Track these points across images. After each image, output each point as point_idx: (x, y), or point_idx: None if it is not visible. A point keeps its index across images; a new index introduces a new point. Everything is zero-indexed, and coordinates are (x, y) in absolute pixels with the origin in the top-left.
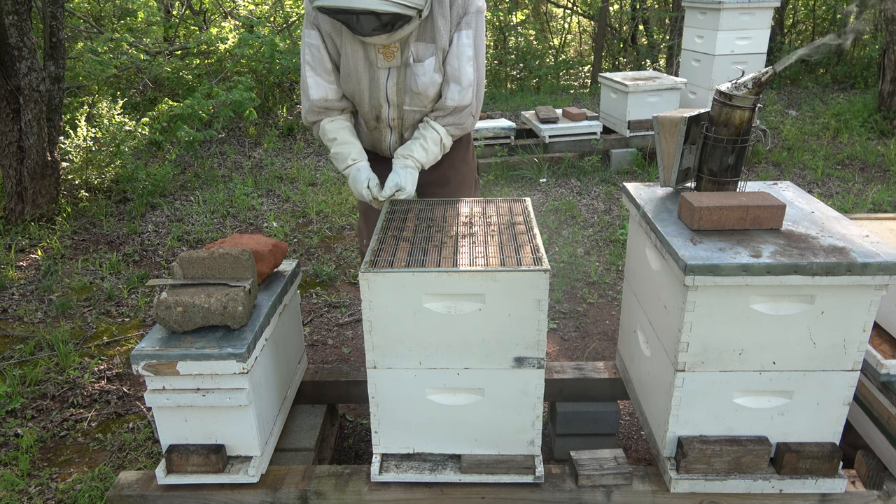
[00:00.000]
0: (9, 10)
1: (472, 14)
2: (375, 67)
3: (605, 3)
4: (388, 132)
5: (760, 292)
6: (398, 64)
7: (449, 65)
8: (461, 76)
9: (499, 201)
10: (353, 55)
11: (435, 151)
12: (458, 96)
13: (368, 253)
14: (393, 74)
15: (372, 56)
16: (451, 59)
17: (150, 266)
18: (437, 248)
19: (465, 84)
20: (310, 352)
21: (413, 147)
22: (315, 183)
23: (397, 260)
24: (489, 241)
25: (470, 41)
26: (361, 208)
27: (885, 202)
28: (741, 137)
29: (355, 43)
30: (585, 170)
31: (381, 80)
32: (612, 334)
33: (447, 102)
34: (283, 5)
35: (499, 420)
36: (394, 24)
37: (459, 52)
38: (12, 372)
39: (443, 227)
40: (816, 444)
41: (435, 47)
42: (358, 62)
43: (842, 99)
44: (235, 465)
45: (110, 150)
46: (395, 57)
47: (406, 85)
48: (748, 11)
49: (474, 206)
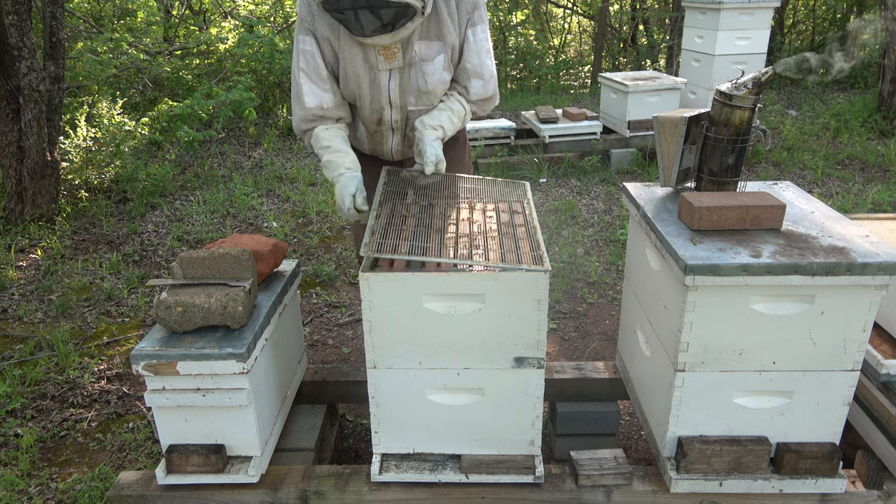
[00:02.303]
0: (9, 10)
1: (481, 8)
2: (376, 70)
3: (605, 3)
4: (391, 134)
5: (760, 292)
6: (400, 65)
7: (469, 61)
8: (483, 70)
9: (499, 184)
10: (352, 59)
11: (458, 126)
12: (482, 90)
13: (366, 247)
14: (395, 76)
15: (372, 59)
16: (471, 55)
17: (150, 266)
18: (437, 246)
19: (487, 77)
20: (310, 352)
21: (441, 117)
22: (315, 183)
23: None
24: (489, 240)
25: (486, 35)
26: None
27: (885, 202)
28: (741, 137)
29: (354, 46)
30: (585, 170)
31: (383, 82)
32: (612, 334)
33: (472, 97)
34: (283, 5)
35: (499, 420)
36: (395, 22)
37: (479, 48)
38: (12, 372)
39: (443, 224)
40: (816, 444)
41: (443, 45)
42: (357, 66)
43: (842, 99)
44: (235, 465)
45: (110, 150)
46: (396, 58)
47: (411, 85)
48: (748, 11)
49: (475, 202)
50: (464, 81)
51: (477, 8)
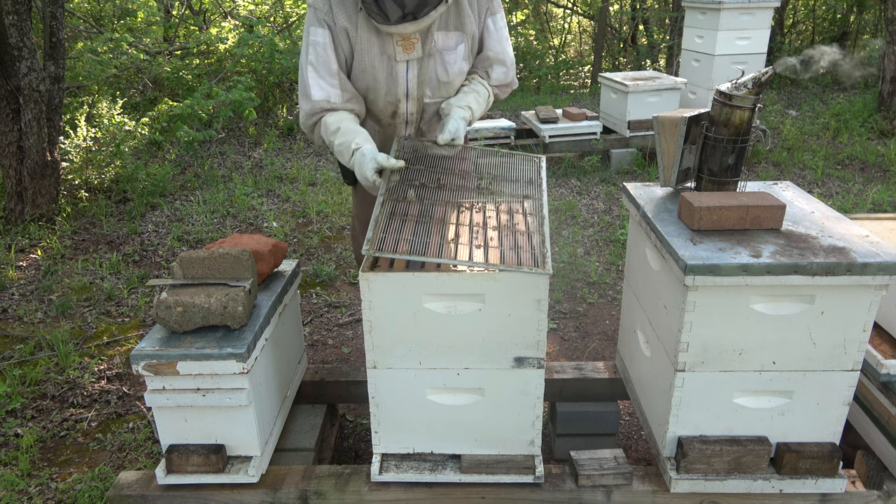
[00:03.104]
0: (9, 10)
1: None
2: (393, 61)
3: (605, 3)
4: (404, 128)
5: (760, 292)
6: (419, 55)
7: (491, 49)
8: (505, 57)
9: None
10: (368, 50)
11: (483, 108)
12: (504, 76)
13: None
14: (413, 67)
15: (390, 49)
16: (493, 43)
17: (150, 266)
18: (438, 244)
19: (509, 64)
20: (310, 352)
21: (468, 99)
22: (315, 183)
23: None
24: (489, 239)
25: (504, 22)
26: (356, 212)
27: (885, 202)
28: (741, 137)
29: (372, 37)
30: (585, 170)
31: (400, 73)
32: (612, 334)
33: (493, 82)
34: (283, 5)
35: (499, 420)
36: (420, 11)
37: (500, 36)
38: (12, 372)
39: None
40: (816, 444)
41: (462, 35)
42: (374, 57)
43: (842, 99)
44: (235, 465)
45: (110, 150)
46: (415, 48)
47: (430, 76)
48: (748, 11)
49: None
50: (485, 68)
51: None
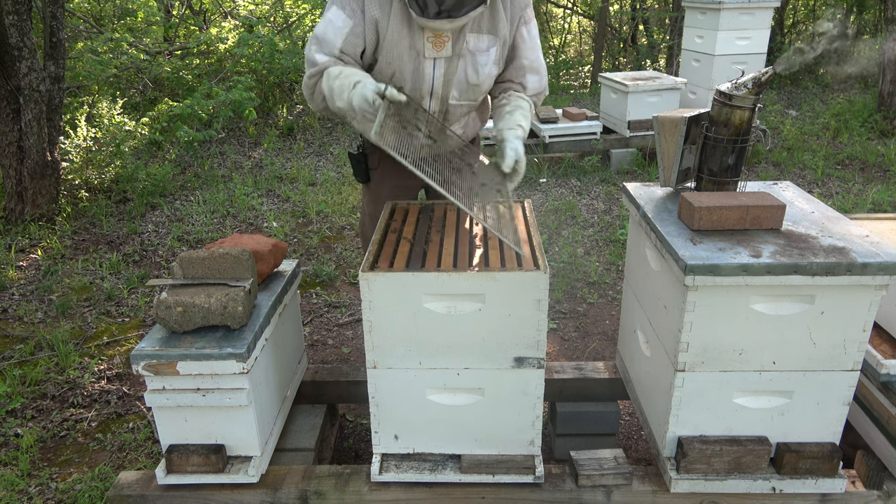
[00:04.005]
0: (9, 10)
1: (531, 6)
2: (422, 57)
3: (605, 3)
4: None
5: (760, 292)
6: (448, 54)
7: (526, 58)
8: (539, 66)
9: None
10: (398, 43)
11: (530, 122)
12: (538, 85)
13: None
14: (440, 65)
15: (419, 45)
16: (527, 51)
17: (150, 266)
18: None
19: (542, 73)
20: (310, 352)
21: (517, 118)
22: (315, 183)
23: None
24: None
25: (537, 32)
26: (367, 209)
27: (885, 202)
28: (741, 137)
29: (403, 29)
30: (585, 170)
31: (427, 70)
32: (612, 334)
33: (529, 92)
34: (283, 5)
35: (499, 420)
36: (459, 9)
37: (533, 45)
38: (12, 372)
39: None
40: (816, 444)
41: (495, 38)
42: (402, 50)
43: (842, 99)
44: (235, 465)
45: (110, 150)
46: (445, 47)
47: (458, 76)
48: (748, 11)
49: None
50: (520, 78)
51: (528, 6)
